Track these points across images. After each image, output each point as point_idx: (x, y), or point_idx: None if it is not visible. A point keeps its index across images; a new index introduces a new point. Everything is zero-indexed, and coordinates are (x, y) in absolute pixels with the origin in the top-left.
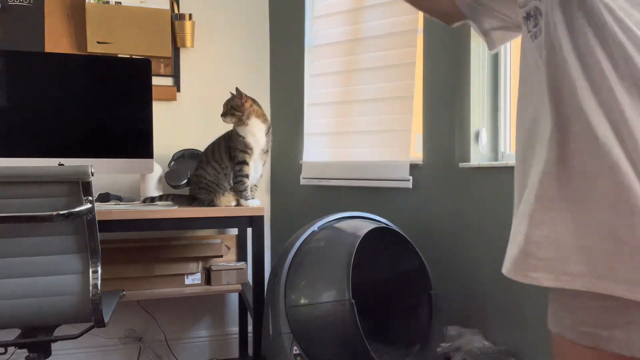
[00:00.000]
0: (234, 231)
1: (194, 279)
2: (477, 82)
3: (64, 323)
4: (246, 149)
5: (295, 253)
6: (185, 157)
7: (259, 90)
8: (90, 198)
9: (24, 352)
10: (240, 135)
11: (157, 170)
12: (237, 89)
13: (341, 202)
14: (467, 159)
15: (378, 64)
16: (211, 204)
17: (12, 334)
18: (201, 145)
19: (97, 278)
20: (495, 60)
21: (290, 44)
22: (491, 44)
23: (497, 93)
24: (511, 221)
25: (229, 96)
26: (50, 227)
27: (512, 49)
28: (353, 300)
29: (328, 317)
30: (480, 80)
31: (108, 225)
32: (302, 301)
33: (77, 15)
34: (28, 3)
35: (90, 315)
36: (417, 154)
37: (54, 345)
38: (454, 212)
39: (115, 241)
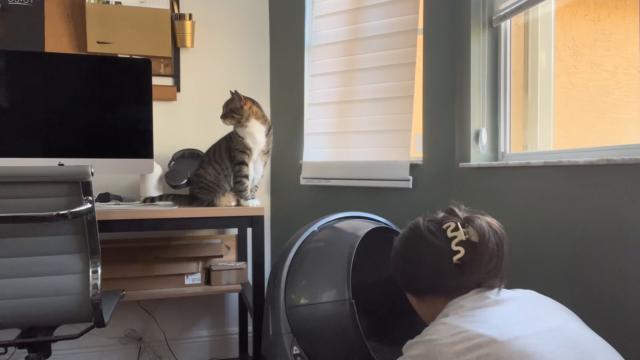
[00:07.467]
0: (234, 231)
1: (194, 279)
2: (477, 82)
3: (64, 323)
4: (245, 149)
5: (295, 253)
6: (185, 157)
7: (259, 90)
8: (90, 198)
9: (24, 352)
10: (239, 136)
11: (157, 170)
12: (235, 91)
13: (341, 202)
14: (467, 159)
15: (378, 64)
16: (211, 204)
17: (12, 334)
18: (201, 145)
19: (97, 278)
20: (495, 60)
21: (290, 44)
22: None
23: (497, 93)
24: (510, 221)
25: (228, 96)
26: (50, 227)
27: (512, 48)
28: (353, 300)
29: (328, 317)
30: (480, 80)
31: (108, 225)
32: (302, 301)
33: (77, 15)
34: (28, 3)
35: (90, 315)
36: (417, 154)
37: (54, 345)
38: None
39: (115, 241)
